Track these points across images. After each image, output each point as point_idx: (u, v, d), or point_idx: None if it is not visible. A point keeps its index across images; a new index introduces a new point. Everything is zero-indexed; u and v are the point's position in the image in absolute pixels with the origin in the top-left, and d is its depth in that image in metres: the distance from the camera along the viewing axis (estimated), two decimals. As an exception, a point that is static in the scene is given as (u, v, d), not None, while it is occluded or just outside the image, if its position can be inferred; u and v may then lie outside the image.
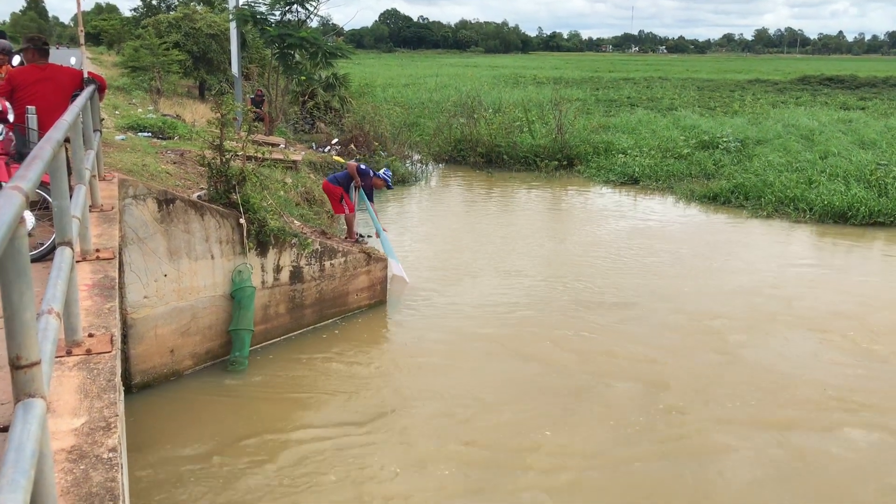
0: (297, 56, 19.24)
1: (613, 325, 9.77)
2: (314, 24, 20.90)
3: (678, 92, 41.20)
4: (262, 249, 8.87)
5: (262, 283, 8.95)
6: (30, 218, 5.30)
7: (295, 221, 10.07)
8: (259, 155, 10.21)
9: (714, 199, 17.14)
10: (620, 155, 21.39)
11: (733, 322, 9.90)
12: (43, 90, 6.25)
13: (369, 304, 10.33)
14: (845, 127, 25.12)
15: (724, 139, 22.02)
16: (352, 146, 20.09)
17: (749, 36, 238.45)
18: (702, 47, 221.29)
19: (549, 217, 16.58)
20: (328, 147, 20.27)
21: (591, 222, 15.52)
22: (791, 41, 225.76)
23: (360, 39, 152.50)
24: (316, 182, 14.20)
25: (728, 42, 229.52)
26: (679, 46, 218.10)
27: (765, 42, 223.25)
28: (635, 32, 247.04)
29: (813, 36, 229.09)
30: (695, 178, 19.19)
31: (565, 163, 21.49)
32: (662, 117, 28.23)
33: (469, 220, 16.07)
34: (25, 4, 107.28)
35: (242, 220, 8.49)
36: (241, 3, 18.27)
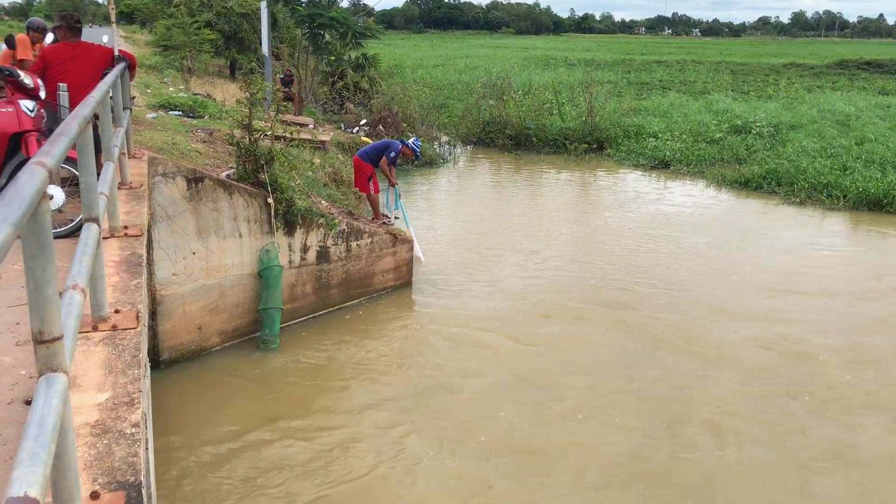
0: (327, 36, 19.22)
1: (642, 311, 9.68)
2: (345, 4, 20.96)
3: (711, 75, 40.57)
4: (290, 229, 8.91)
5: (290, 262, 8.99)
6: (59, 194, 5.36)
7: (322, 202, 10.09)
8: (287, 135, 10.23)
9: (745, 185, 16.90)
10: (651, 139, 21.16)
11: (767, 311, 9.77)
12: (74, 68, 6.29)
13: (395, 286, 10.35)
14: (883, 112, 24.61)
15: (758, 124, 21.67)
16: (380, 127, 20.07)
17: (785, 19, 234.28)
18: (737, 30, 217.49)
19: (578, 200, 16.45)
20: (357, 128, 20.27)
21: (620, 206, 15.38)
22: (829, 24, 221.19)
23: (390, 20, 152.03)
24: (344, 163, 14.20)
25: (763, 25, 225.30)
26: (713, 29, 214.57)
27: (802, 25, 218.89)
28: (669, 15, 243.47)
29: (852, 19, 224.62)
30: (726, 162, 18.94)
31: (595, 146, 21.30)
32: (695, 101, 27.83)
33: (496, 203, 16.01)
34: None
35: (270, 200, 8.52)
36: (272, -18, 18.25)
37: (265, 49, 18.12)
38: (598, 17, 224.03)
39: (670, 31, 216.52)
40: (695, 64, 50.36)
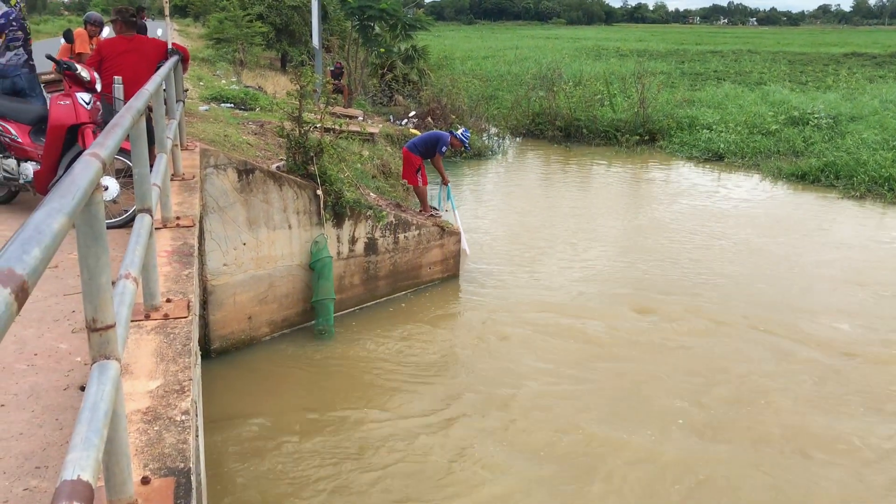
0: (376, 28, 19.32)
1: (696, 312, 9.50)
2: (395, -5, 20.90)
3: (768, 66, 39.61)
4: (338, 221, 8.98)
5: (338, 253, 9.06)
6: (114, 185, 5.47)
7: (370, 193, 10.15)
8: (337, 127, 10.29)
9: (802, 178, 16.49)
10: (705, 130, 20.78)
11: (827, 311, 9.53)
12: (129, 61, 6.42)
13: (442, 278, 10.36)
14: (950, 103, 23.76)
15: (816, 115, 21.11)
16: (429, 119, 20.09)
17: (847, 7, 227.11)
18: (795, 19, 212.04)
19: (629, 193, 16.25)
20: (406, 120, 20.32)
21: (672, 200, 15.14)
22: (893, 12, 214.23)
23: (440, 11, 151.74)
24: (393, 155, 14.26)
25: (823, 13, 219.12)
26: (770, 18, 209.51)
27: (864, 13, 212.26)
28: (724, 4, 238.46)
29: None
30: (783, 155, 18.50)
31: (647, 137, 21.01)
32: (750, 92, 27.22)
33: (545, 195, 15.90)
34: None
35: (319, 192, 8.60)
36: (322, -25, 18.37)
37: (315, 41, 18.25)
38: (651, 7, 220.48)
39: (726, 20, 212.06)
40: (751, 54, 49.21)
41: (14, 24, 6.23)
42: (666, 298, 9.71)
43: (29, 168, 5.78)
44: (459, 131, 11.53)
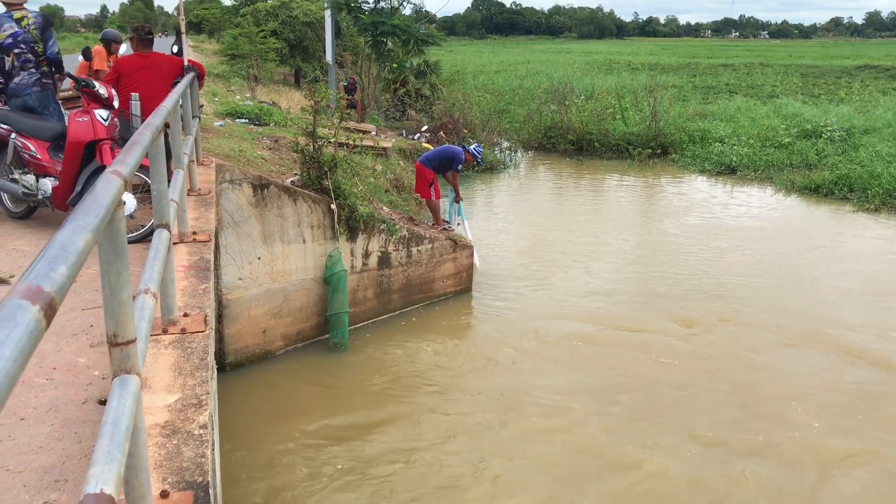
0: (389, 44, 19.41)
1: (711, 327, 9.45)
2: (407, 11, 21.05)
3: (780, 78, 39.56)
4: (352, 235, 9.02)
5: (352, 267, 9.10)
6: (131, 201, 5.53)
7: (384, 207, 10.19)
8: (350, 142, 10.35)
9: (816, 191, 16.42)
10: (717, 143, 20.75)
11: (844, 326, 9.46)
12: (146, 77, 6.49)
13: (455, 291, 10.37)
14: (964, 115, 23.62)
15: (829, 128, 21.05)
16: (441, 133, 20.16)
17: (859, 19, 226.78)
18: (807, 32, 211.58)
19: (642, 207, 16.23)
20: (418, 134, 20.40)
21: (685, 213, 15.11)
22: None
23: (452, 26, 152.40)
24: (406, 169, 14.31)
25: (836, 26, 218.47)
26: (782, 31, 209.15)
27: (876, 26, 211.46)
28: (736, 17, 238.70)
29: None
30: (796, 168, 18.44)
31: (659, 151, 21.01)
32: (763, 105, 27.19)
33: (558, 209, 15.91)
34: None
35: (334, 206, 8.64)
36: (335, -9, 18.52)
37: (329, 57, 18.41)
38: (662, 21, 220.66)
39: (737, 33, 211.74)
40: (763, 67, 49.14)
41: (23, 45, 6.31)
42: (682, 312, 9.68)
43: (47, 184, 5.84)
44: (472, 146, 11.57)
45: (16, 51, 6.28)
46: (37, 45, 6.32)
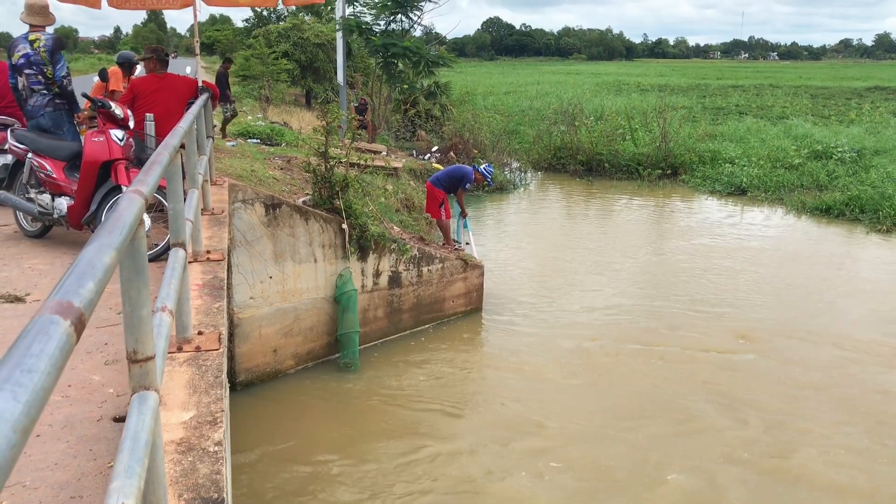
0: (400, 65, 19.58)
1: (720, 349, 9.41)
2: (417, 33, 21.24)
3: (790, 100, 39.58)
4: (363, 254, 9.05)
5: (362, 287, 9.12)
6: (147, 220, 5.58)
7: (394, 227, 10.23)
8: (362, 162, 10.42)
9: (827, 212, 16.39)
10: (727, 164, 20.76)
11: (855, 349, 9.43)
12: (161, 98, 6.58)
13: (465, 311, 10.38)
14: (974, 136, 23.58)
15: (839, 149, 21.04)
16: (451, 154, 20.25)
17: (869, 41, 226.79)
18: (816, 53, 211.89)
19: (651, 228, 16.23)
20: (428, 155, 20.50)
21: (696, 234, 15.10)
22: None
23: (462, 48, 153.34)
24: (416, 189, 14.38)
25: (845, 48, 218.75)
26: (792, 53, 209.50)
27: (886, 47, 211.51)
28: (745, 38, 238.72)
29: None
30: (806, 189, 18.41)
31: (669, 172, 21.04)
32: (773, 126, 27.21)
33: (567, 230, 15.92)
34: (146, 17, 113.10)
35: (345, 226, 8.69)
36: (347, 13, 18.73)
37: (340, 78, 18.56)
38: (671, 42, 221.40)
39: (747, 55, 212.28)
40: (772, 88, 49.23)
41: (34, 67, 6.35)
42: (696, 334, 9.65)
43: (63, 203, 5.91)
44: (482, 166, 11.62)
45: (27, 72, 6.33)
46: (46, 67, 6.36)
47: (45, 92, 6.41)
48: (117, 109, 5.98)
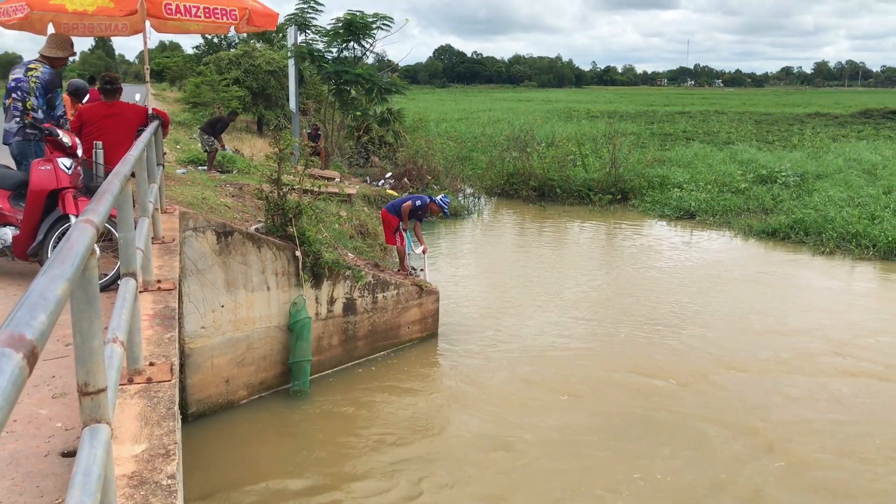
0: (353, 92, 19.61)
1: (671, 367, 9.59)
2: (370, 60, 21.31)
3: (735, 126, 40.66)
4: (317, 281, 9.00)
5: (316, 314, 9.05)
6: (95, 249, 5.47)
7: (349, 254, 10.20)
8: (315, 188, 10.39)
9: (773, 235, 16.80)
10: (676, 189, 21.19)
11: (789, 365, 9.65)
12: (110, 126, 6.49)
13: (421, 337, 10.36)
14: (910, 161, 24.46)
15: (783, 173, 21.66)
16: (405, 180, 20.31)
17: (808, 69, 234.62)
18: (759, 80, 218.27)
19: (603, 252, 16.44)
20: (382, 181, 20.52)
21: (647, 257, 15.34)
22: (852, 74, 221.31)
23: (414, 75, 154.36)
24: (370, 215, 14.36)
25: (786, 75, 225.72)
26: (736, 80, 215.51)
27: (825, 75, 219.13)
28: (691, 66, 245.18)
29: (875, 68, 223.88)
30: (752, 212, 18.87)
31: (619, 197, 21.37)
32: (719, 151, 27.90)
33: (521, 255, 16.04)
34: (94, 44, 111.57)
35: (298, 253, 8.63)
36: (299, 40, 18.73)
37: (292, 105, 18.52)
38: (620, 70, 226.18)
39: (692, 82, 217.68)
40: (718, 114, 50.52)
41: (18, 93, 6.33)
42: (646, 355, 9.78)
43: (7, 233, 5.77)
44: (439, 197, 11.68)
45: (13, 95, 6.31)
46: (29, 96, 6.34)
47: (18, 120, 6.35)
48: (65, 137, 5.88)
